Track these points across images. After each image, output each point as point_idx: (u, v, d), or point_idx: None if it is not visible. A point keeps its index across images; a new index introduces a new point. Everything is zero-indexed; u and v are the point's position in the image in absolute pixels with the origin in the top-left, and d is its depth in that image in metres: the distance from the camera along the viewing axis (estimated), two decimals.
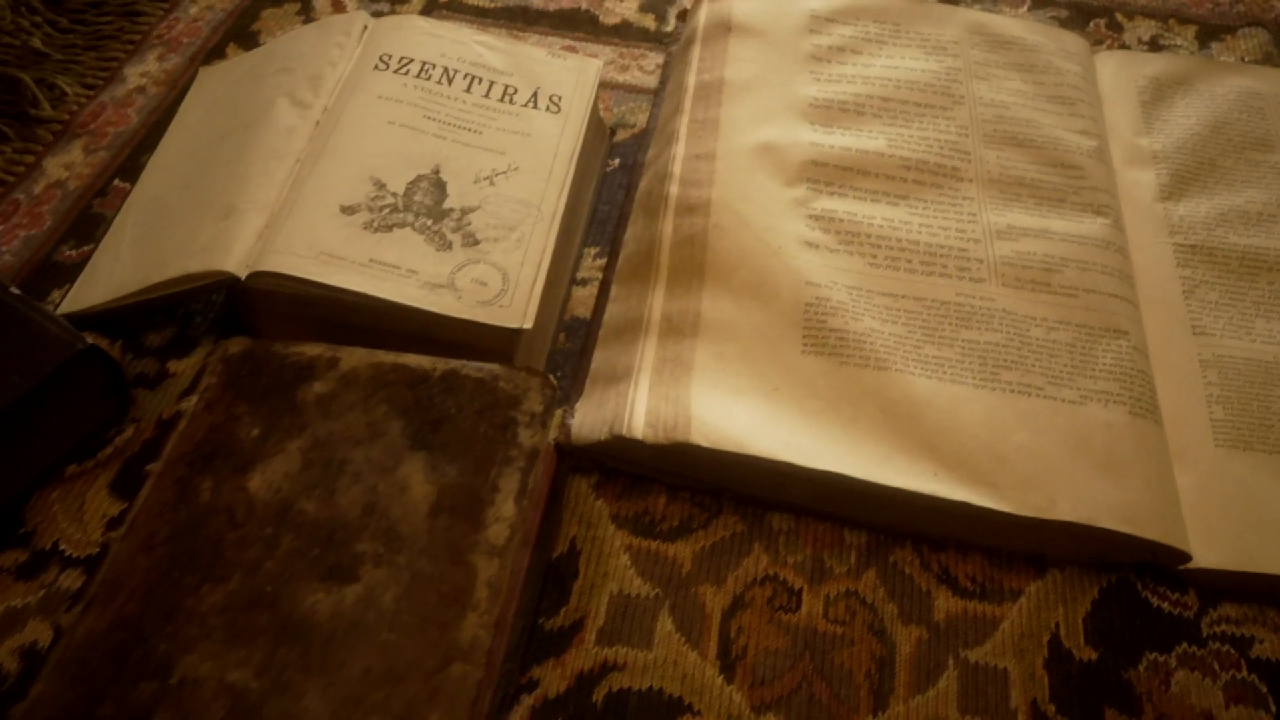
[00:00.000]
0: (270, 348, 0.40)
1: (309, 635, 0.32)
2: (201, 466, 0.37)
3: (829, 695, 0.39)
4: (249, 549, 0.34)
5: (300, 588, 0.33)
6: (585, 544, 0.42)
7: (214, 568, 0.34)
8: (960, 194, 0.50)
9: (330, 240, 0.42)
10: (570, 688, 0.39)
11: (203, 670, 0.32)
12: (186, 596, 0.33)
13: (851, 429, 0.41)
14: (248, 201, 0.44)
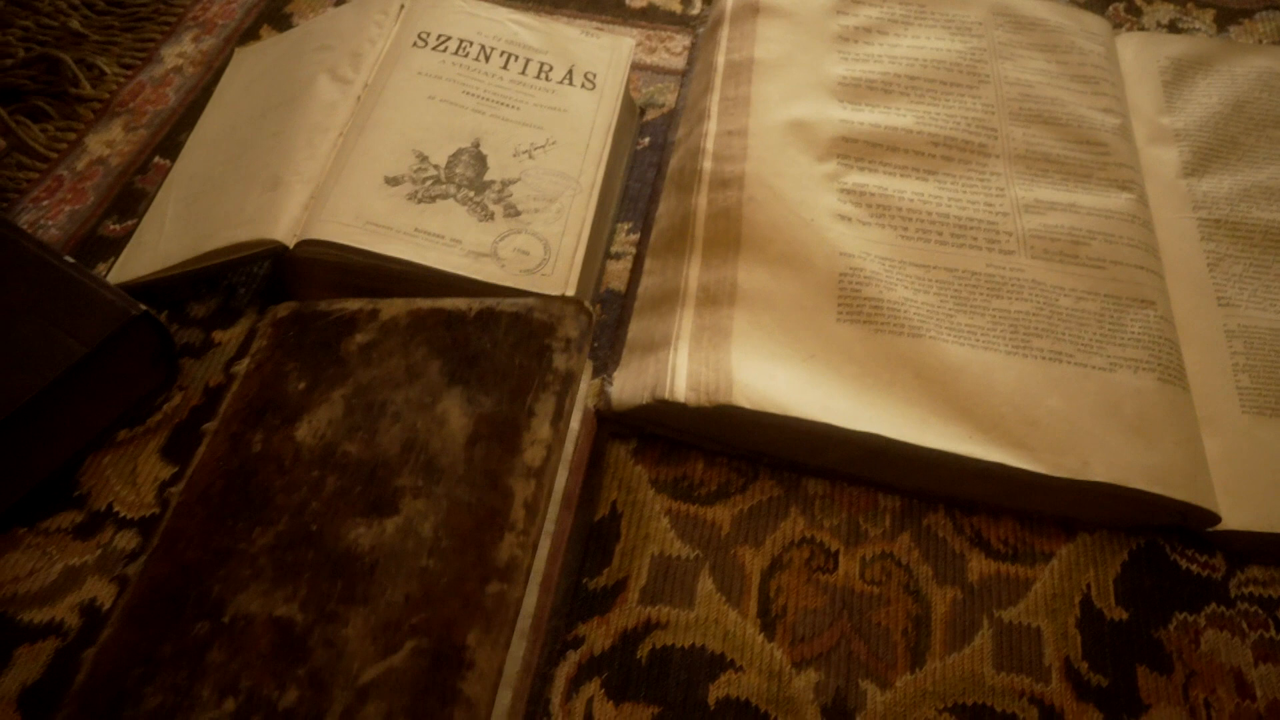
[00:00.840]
0: (315, 307, 0.41)
1: (351, 567, 0.33)
2: (253, 421, 0.38)
3: (867, 652, 0.40)
4: (296, 492, 0.35)
5: (343, 524, 0.34)
6: (626, 507, 0.43)
7: (263, 512, 0.35)
8: (988, 169, 0.51)
9: (376, 210, 0.43)
10: (615, 645, 0.39)
11: (253, 607, 0.33)
12: (239, 540, 0.34)
13: (887, 393, 0.42)
14: (293, 173, 0.45)
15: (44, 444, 0.41)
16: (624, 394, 0.44)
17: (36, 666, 0.38)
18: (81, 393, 0.41)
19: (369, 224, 0.43)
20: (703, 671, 0.39)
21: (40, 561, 0.40)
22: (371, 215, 0.43)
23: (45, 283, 0.41)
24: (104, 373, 0.41)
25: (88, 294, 0.41)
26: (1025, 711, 0.38)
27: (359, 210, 0.43)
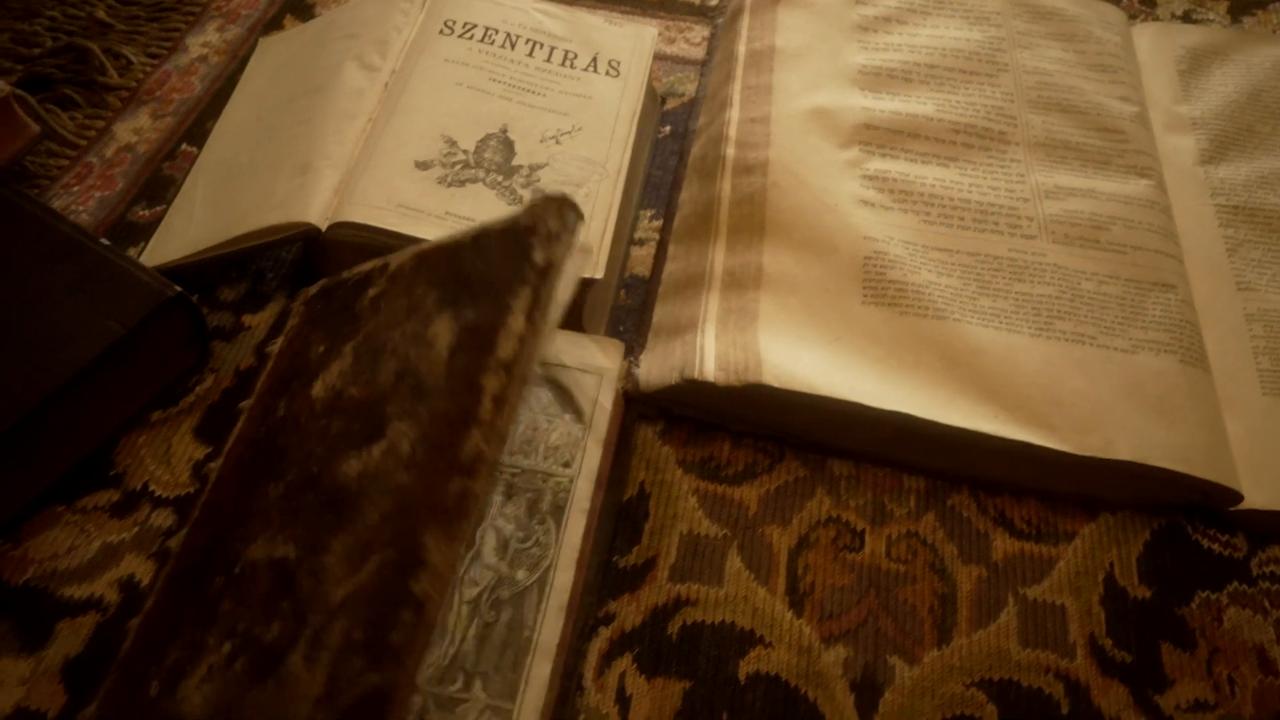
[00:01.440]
0: (338, 276, 0.41)
1: (341, 498, 0.33)
2: (280, 391, 0.38)
3: (895, 629, 0.40)
4: (307, 444, 0.35)
5: (339, 460, 0.34)
6: (654, 487, 0.44)
7: (279, 468, 0.35)
8: (1008, 156, 0.51)
9: (407, 193, 0.44)
10: (645, 621, 0.40)
11: (258, 554, 0.33)
12: (258, 499, 0.35)
13: (913, 374, 0.42)
14: (323, 158, 0.45)
15: (82, 424, 0.41)
16: (651, 376, 0.44)
17: (78, 640, 0.38)
18: (118, 373, 0.41)
19: (400, 207, 0.43)
20: (732, 647, 0.40)
21: (79, 539, 0.41)
22: (402, 198, 0.44)
23: (82, 265, 0.42)
24: (140, 354, 0.42)
25: (124, 276, 0.42)
26: (1051, 687, 0.39)
27: (390, 193, 0.44)
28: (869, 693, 0.39)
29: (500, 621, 0.35)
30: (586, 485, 0.39)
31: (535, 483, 0.39)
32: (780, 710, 0.38)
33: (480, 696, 0.34)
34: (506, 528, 0.38)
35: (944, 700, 0.39)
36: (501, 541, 0.38)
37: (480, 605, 0.36)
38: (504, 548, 0.37)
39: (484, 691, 0.34)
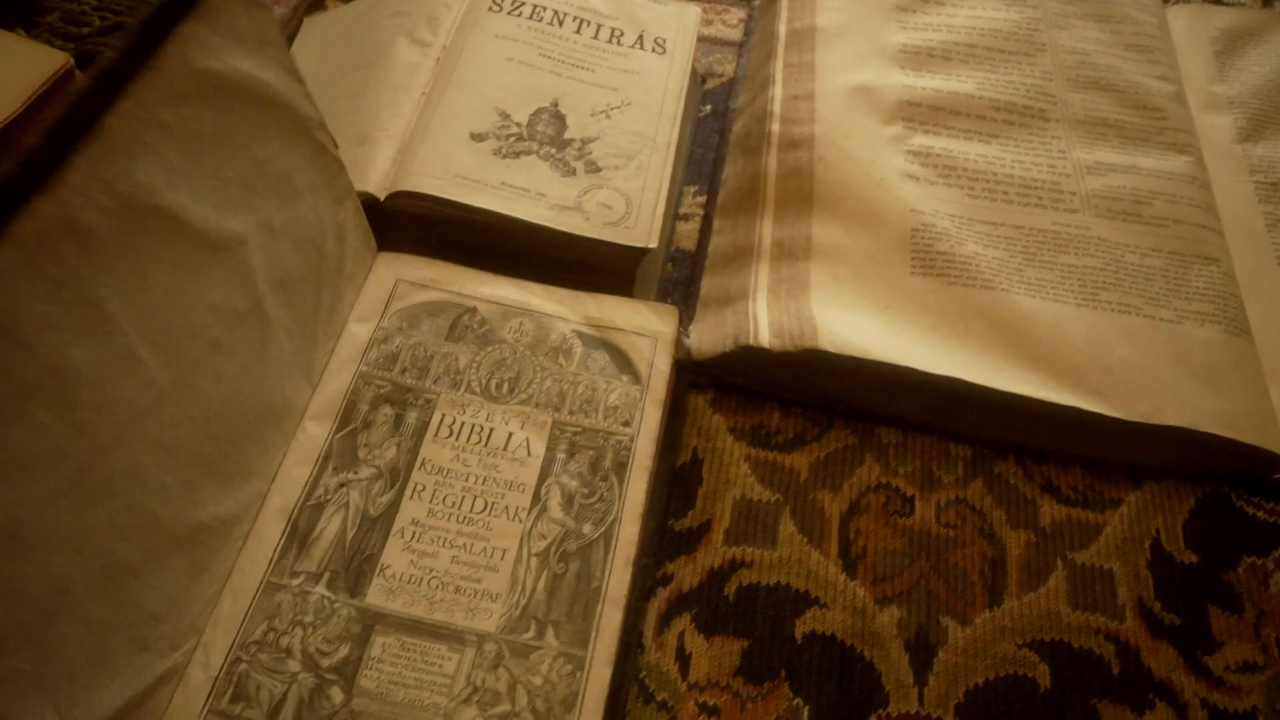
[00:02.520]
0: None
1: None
2: None
3: (946, 591, 0.41)
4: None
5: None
6: (706, 454, 0.44)
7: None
8: (1048, 133, 0.52)
9: (463, 164, 0.45)
10: (702, 582, 0.41)
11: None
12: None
13: (963, 342, 0.43)
14: (380, 130, 0.46)
15: None
16: (704, 344, 0.45)
17: None
18: None
19: (457, 177, 0.44)
20: (788, 608, 0.40)
21: None
22: (459, 169, 0.44)
23: None
24: None
25: None
26: (1101, 647, 0.40)
27: (447, 164, 0.44)
28: (923, 652, 0.39)
29: (569, 573, 0.36)
30: (646, 444, 0.40)
31: (596, 441, 0.40)
32: (837, 668, 0.39)
33: (553, 644, 0.35)
34: (571, 484, 0.39)
35: (997, 660, 0.39)
36: (567, 497, 0.38)
37: (549, 558, 0.37)
38: (569, 503, 0.38)
39: (556, 639, 0.35)
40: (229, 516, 0.34)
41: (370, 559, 0.36)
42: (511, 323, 0.42)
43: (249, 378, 0.34)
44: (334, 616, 0.34)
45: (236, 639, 0.33)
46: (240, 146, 0.33)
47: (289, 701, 0.32)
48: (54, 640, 0.26)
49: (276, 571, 0.35)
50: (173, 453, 0.30)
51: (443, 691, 0.33)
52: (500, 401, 0.40)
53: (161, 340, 0.29)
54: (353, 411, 0.39)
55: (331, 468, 0.38)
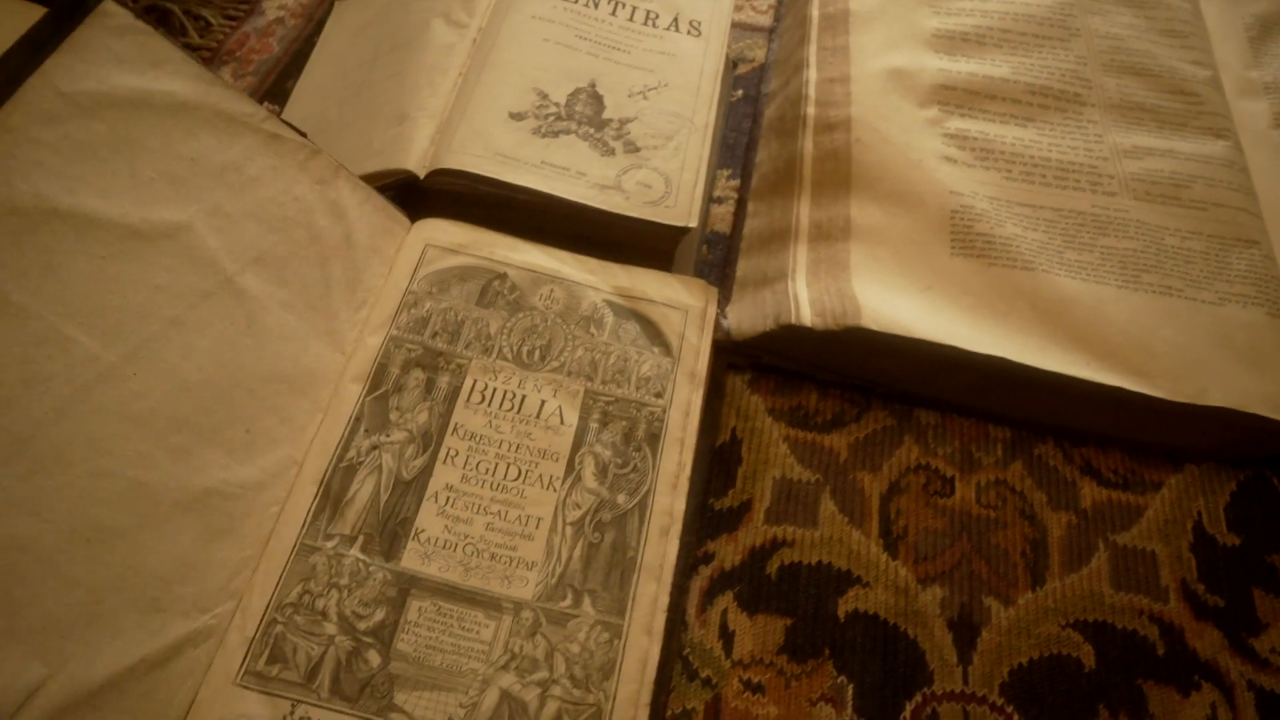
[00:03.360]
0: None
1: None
2: None
3: (988, 571, 0.41)
4: None
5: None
6: (745, 434, 0.44)
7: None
8: (1084, 118, 0.52)
9: (503, 142, 0.44)
10: (744, 560, 0.41)
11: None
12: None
13: (1005, 322, 0.43)
14: (418, 109, 0.46)
15: None
16: (742, 324, 0.45)
17: None
18: None
19: (498, 155, 0.44)
20: (831, 586, 0.40)
21: None
22: (499, 147, 0.44)
23: None
24: None
25: None
26: (1145, 628, 0.39)
27: (487, 142, 0.44)
28: (966, 631, 0.39)
29: (604, 542, 0.36)
30: (679, 416, 0.40)
31: (629, 411, 0.40)
32: (881, 647, 0.39)
33: (590, 613, 0.35)
34: (604, 453, 0.39)
35: (1041, 640, 0.39)
36: (601, 466, 0.38)
37: (584, 527, 0.37)
38: (603, 473, 0.38)
39: (593, 608, 0.35)
40: (250, 482, 0.35)
41: (404, 523, 0.36)
42: (542, 290, 0.42)
43: (236, 350, 0.36)
44: (369, 580, 0.34)
45: (272, 601, 0.33)
46: (157, 149, 0.36)
47: (326, 663, 0.32)
48: (26, 596, 0.28)
49: (310, 534, 0.35)
50: (143, 423, 0.32)
51: (480, 658, 0.33)
52: (532, 369, 0.40)
53: (96, 321, 0.32)
54: (383, 375, 0.39)
55: (363, 430, 0.38)
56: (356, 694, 0.31)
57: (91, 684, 0.29)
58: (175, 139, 0.37)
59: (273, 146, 0.40)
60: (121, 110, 0.35)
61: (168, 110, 0.37)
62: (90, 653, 0.29)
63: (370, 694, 0.31)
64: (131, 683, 0.30)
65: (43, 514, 0.30)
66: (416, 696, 0.32)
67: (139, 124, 0.36)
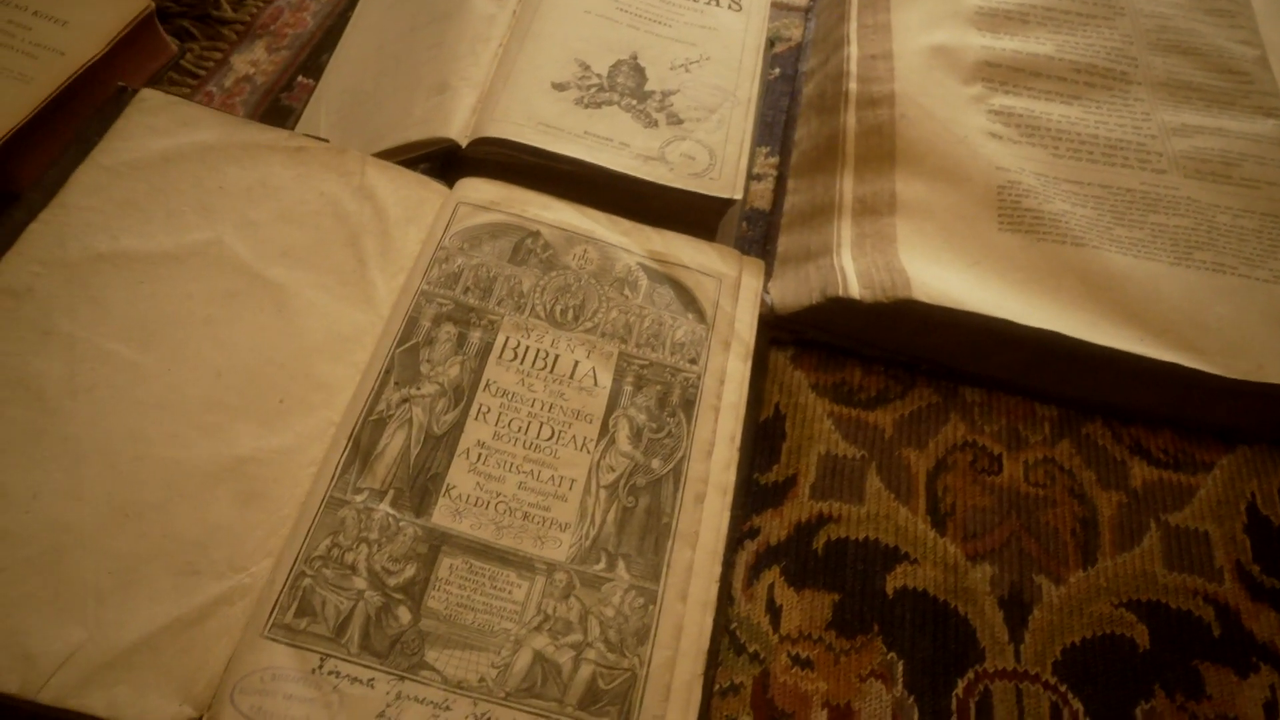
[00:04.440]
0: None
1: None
2: None
3: (1038, 549, 0.40)
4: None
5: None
6: (789, 409, 0.44)
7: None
8: (1131, 95, 0.51)
9: (546, 112, 0.44)
10: (790, 536, 0.40)
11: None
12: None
13: (1055, 297, 0.42)
14: (460, 78, 0.46)
15: None
16: (786, 298, 0.44)
17: None
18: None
19: (540, 124, 0.43)
20: (878, 563, 0.39)
21: None
22: (542, 117, 0.44)
23: None
24: None
25: None
26: (1200, 609, 0.39)
27: (530, 111, 0.44)
28: (1017, 609, 0.38)
29: (638, 507, 0.36)
30: (713, 383, 0.39)
31: (664, 376, 0.39)
32: (931, 624, 0.38)
33: (624, 577, 0.34)
34: (639, 417, 0.38)
35: (1093, 619, 0.38)
36: (635, 430, 0.38)
37: (618, 491, 0.36)
38: (638, 436, 0.37)
39: (628, 573, 0.34)
40: (284, 447, 0.35)
41: (435, 478, 0.35)
42: (576, 249, 0.42)
43: (266, 334, 0.38)
44: (399, 535, 0.33)
45: (300, 553, 0.32)
46: (187, 190, 0.41)
47: (355, 618, 0.31)
48: (69, 569, 0.31)
49: (339, 487, 0.34)
50: (178, 409, 0.35)
51: (513, 618, 0.33)
52: (565, 328, 0.40)
53: (134, 334, 0.36)
54: (414, 327, 0.38)
55: (393, 382, 0.37)
56: (386, 650, 0.31)
57: (126, 643, 0.30)
58: (204, 176, 0.41)
59: (296, 159, 0.43)
60: (156, 167, 0.41)
61: (196, 156, 0.42)
62: (126, 615, 0.31)
63: (400, 650, 0.31)
64: (166, 640, 0.30)
65: (85, 498, 0.33)
66: (448, 655, 0.31)
67: (171, 174, 0.41)
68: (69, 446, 0.33)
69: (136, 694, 0.29)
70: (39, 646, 0.29)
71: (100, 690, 0.28)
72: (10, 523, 0.31)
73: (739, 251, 0.44)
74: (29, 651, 0.29)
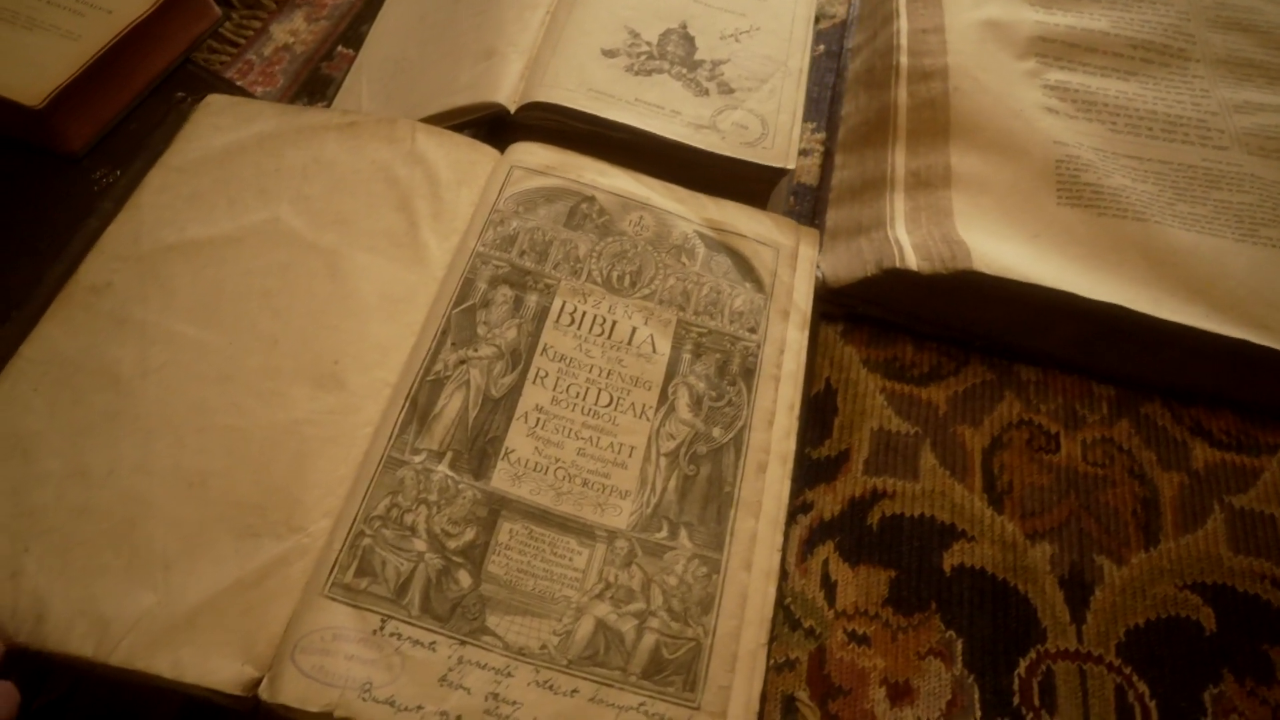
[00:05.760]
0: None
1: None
2: None
3: (1099, 529, 0.39)
4: None
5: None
6: (840, 385, 0.43)
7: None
8: (1189, 73, 0.50)
9: (597, 78, 0.43)
10: (844, 511, 0.39)
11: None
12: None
13: (1118, 272, 0.41)
14: (508, 44, 0.45)
15: None
16: (839, 272, 0.43)
17: None
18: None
19: (591, 90, 0.43)
20: (935, 540, 0.39)
21: None
22: (593, 83, 0.43)
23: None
24: None
25: None
26: (1269, 593, 0.38)
27: (580, 77, 0.43)
28: (1078, 589, 0.37)
29: (700, 475, 0.35)
30: (773, 352, 0.38)
31: (723, 344, 0.38)
32: (990, 602, 0.37)
33: (687, 546, 0.33)
34: (698, 385, 0.37)
35: (1157, 601, 0.37)
36: (695, 398, 0.37)
37: (679, 459, 0.35)
38: (698, 404, 0.37)
39: (690, 541, 0.33)
40: (340, 407, 0.35)
41: (494, 442, 0.35)
42: (631, 216, 0.41)
43: (319, 298, 0.38)
44: (459, 497, 0.33)
45: (359, 513, 0.32)
46: (248, 176, 0.41)
47: (416, 580, 0.31)
48: (140, 539, 0.32)
49: (397, 447, 0.34)
50: (237, 380, 0.36)
51: (574, 585, 0.32)
52: (622, 294, 0.39)
53: (199, 314, 0.37)
54: (470, 289, 0.38)
55: (450, 343, 0.36)
56: (447, 614, 0.30)
57: (191, 606, 0.30)
58: (262, 162, 0.42)
59: (348, 133, 0.43)
60: (219, 161, 0.42)
61: (255, 145, 0.43)
62: (191, 580, 0.31)
63: (461, 615, 0.30)
64: (228, 602, 0.30)
65: (154, 471, 0.34)
66: (509, 621, 0.30)
67: (233, 164, 0.42)
68: (140, 424, 0.34)
69: (200, 655, 0.28)
70: (112, 611, 0.30)
71: (166, 652, 0.29)
72: (90, 499, 0.32)
73: (796, 222, 0.43)
74: (104, 616, 0.30)
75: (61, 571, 0.30)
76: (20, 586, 0.29)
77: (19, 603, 0.29)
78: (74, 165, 0.42)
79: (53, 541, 0.31)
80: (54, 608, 0.29)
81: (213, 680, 0.28)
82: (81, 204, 0.41)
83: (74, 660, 0.29)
